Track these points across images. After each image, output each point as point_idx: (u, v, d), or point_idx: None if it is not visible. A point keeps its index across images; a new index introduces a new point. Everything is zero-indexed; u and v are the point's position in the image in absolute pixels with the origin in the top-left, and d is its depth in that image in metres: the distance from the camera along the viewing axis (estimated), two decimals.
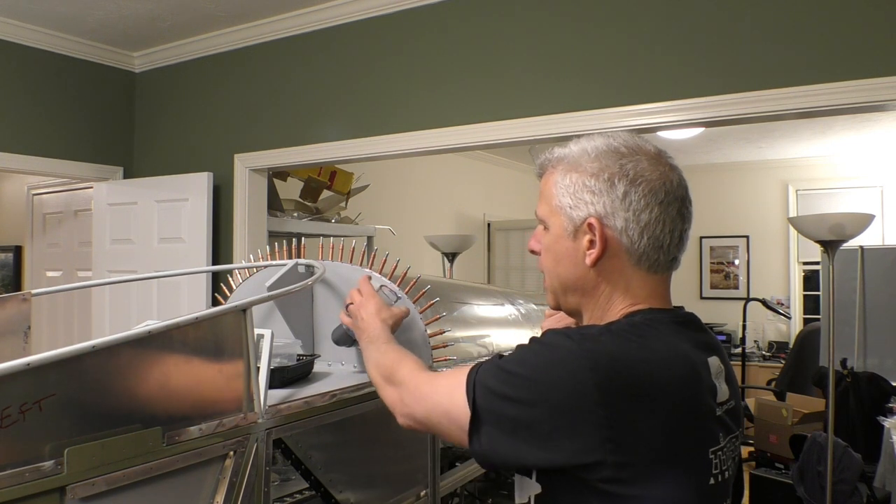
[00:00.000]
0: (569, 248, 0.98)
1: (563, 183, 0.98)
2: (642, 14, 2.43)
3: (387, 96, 2.98)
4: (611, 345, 0.87)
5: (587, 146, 0.98)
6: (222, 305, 1.25)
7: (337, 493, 1.40)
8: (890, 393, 3.79)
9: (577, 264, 0.98)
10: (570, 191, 0.97)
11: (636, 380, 0.85)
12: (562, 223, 0.98)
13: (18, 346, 1.52)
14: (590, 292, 0.99)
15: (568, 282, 1.00)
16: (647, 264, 0.95)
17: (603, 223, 0.94)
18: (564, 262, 0.99)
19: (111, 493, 0.95)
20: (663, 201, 0.94)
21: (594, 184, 0.95)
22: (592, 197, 0.95)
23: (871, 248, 4.19)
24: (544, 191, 1.02)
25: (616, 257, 0.95)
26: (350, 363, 1.73)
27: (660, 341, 0.90)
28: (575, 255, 0.97)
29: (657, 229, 0.94)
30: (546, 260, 1.03)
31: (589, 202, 0.95)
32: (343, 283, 1.73)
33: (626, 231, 0.94)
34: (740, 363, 5.92)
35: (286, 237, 2.81)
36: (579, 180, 0.96)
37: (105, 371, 0.96)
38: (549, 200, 1.01)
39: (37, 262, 4.58)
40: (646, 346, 0.89)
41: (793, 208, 6.58)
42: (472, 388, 0.92)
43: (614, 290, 0.97)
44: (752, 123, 2.50)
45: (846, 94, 2.11)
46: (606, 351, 0.86)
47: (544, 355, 0.88)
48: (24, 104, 3.40)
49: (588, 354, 0.85)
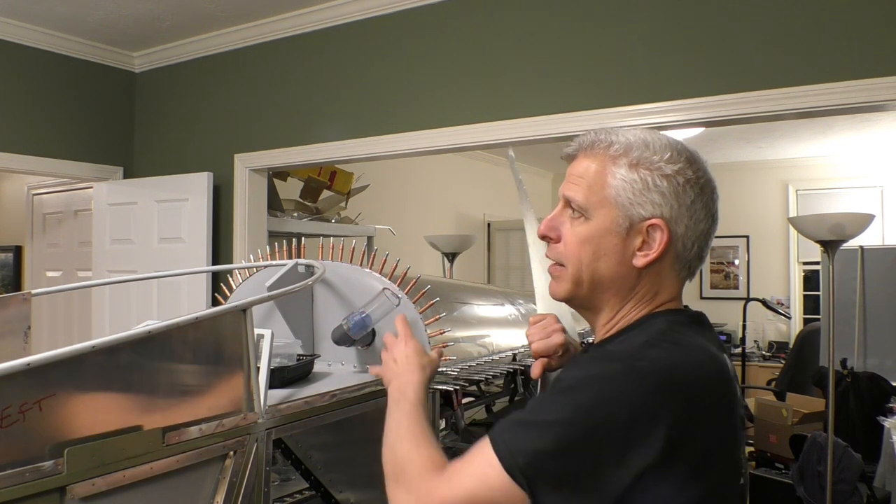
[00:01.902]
0: (616, 244, 0.92)
1: (629, 177, 0.91)
2: (642, 14, 2.43)
3: (387, 96, 2.98)
4: (661, 359, 0.84)
5: (653, 142, 0.93)
6: (222, 305, 1.25)
7: (337, 493, 1.40)
8: (890, 393, 3.79)
9: (622, 262, 0.93)
10: (638, 187, 0.91)
11: (691, 390, 0.83)
12: (615, 218, 0.92)
13: (18, 346, 1.52)
14: (623, 292, 0.95)
15: (605, 278, 0.94)
16: (687, 272, 0.95)
17: (669, 227, 0.91)
18: (608, 259, 0.93)
19: (111, 493, 0.95)
20: (715, 213, 0.94)
21: (666, 185, 0.91)
22: (662, 199, 0.90)
23: (871, 248, 4.18)
24: (590, 177, 0.94)
25: (663, 261, 0.93)
26: (350, 363, 1.73)
27: (694, 345, 0.89)
28: (623, 253, 0.92)
29: (706, 240, 0.93)
30: (579, 251, 0.95)
31: (657, 203, 0.91)
32: (343, 283, 1.73)
33: (684, 238, 0.92)
34: (740, 363, 5.92)
35: (286, 237, 2.81)
36: (650, 178, 0.91)
37: (105, 371, 0.96)
38: (599, 190, 0.93)
39: (37, 262, 4.58)
40: (689, 353, 0.86)
41: (793, 208, 6.58)
42: (511, 462, 0.81)
43: (647, 292, 0.94)
44: (752, 123, 2.50)
45: (846, 94, 2.10)
46: (659, 367, 0.82)
47: (595, 389, 0.82)
48: (24, 104, 3.40)
49: (643, 376, 0.81)
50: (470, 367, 1.71)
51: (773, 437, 3.96)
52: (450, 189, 5.86)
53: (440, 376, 1.62)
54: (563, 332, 1.16)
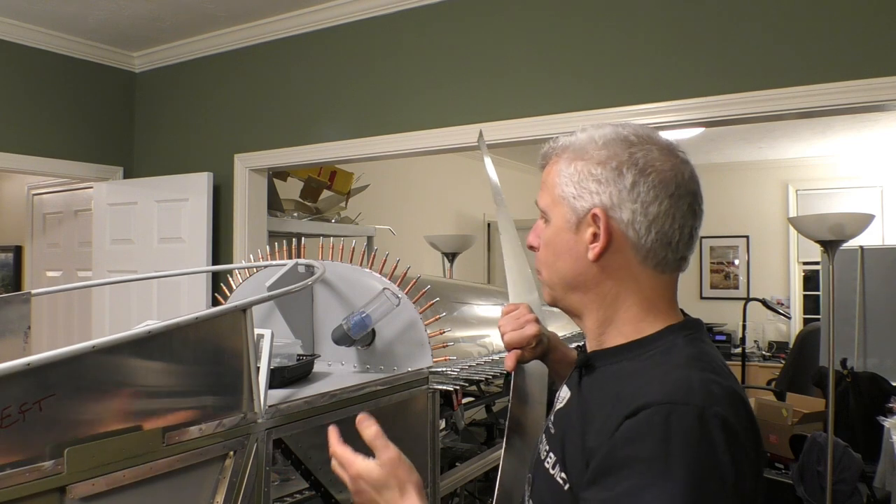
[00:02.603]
0: (570, 241, 0.91)
1: (567, 171, 0.91)
2: (643, 14, 2.43)
3: (387, 96, 2.98)
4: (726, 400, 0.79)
5: (594, 134, 0.91)
6: (222, 305, 1.25)
7: (337, 493, 1.40)
8: (890, 393, 3.79)
9: (578, 259, 0.90)
10: (575, 179, 0.90)
11: (754, 425, 0.81)
12: (564, 214, 0.91)
13: (18, 346, 1.52)
14: (592, 290, 0.91)
15: (568, 278, 0.92)
16: (654, 262, 0.88)
17: (608, 215, 0.87)
18: (565, 257, 0.92)
19: (111, 493, 0.95)
20: (674, 194, 0.87)
21: (601, 172, 0.88)
22: (598, 186, 0.88)
23: (871, 248, 4.18)
24: (546, 180, 0.95)
25: (621, 252, 0.88)
26: (350, 363, 1.73)
27: (728, 370, 0.86)
28: (576, 249, 0.90)
29: (666, 224, 0.87)
30: (545, 254, 0.95)
31: (594, 192, 0.88)
32: (343, 283, 1.73)
33: (633, 224, 0.86)
34: (740, 363, 5.92)
35: (286, 237, 2.81)
36: (585, 168, 0.89)
37: (105, 371, 0.96)
38: (551, 190, 0.93)
39: (37, 262, 4.58)
40: (729, 384, 0.82)
41: (793, 208, 6.58)
42: None
43: (621, 288, 0.90)
44: (752, 123, 2.50)
45: (846, 94, 2.11)
46: (732, 412, 0.78)
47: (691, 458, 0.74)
48: (24, 104, 3.40)
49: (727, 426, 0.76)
50: (470, 367, 1.71)
51: (773, 437, 3.96)
52: (450, 189, 5.86)
53: (440, 376, 1.62)
54: (537, 323, 1.13)
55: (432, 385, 1.62)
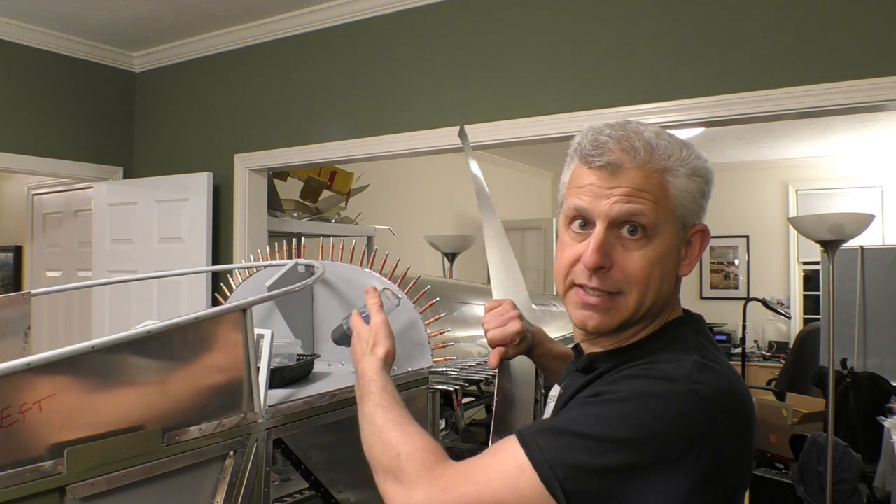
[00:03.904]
0: (675, 257, 0.89)
1: (689, 188, 0.88)
2: (642, 14, 2.43)
3: (387, 96, 2.98)
4: (716, 383, 0.80)
5: (687, 143, 0.90)
6: (222, 305, 1.25)
7: (337, 493, 1.40)
8: (890, 393, 3.79)
9: (674, 274, 0.90)
10: (695, 196, 0.88)
11: (741, 411, 0.81)
12: (676, 232, 0.88)
13: (18, 346, 1.52)
14: (666, 305, 0.91)
15: (663, 297, 0.89)
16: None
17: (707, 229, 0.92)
18: (669, 276, 0.89)
19: (111, 493, 0.95)
20: None
21: (708, 189, 0.90)
22: (704, 202, 0.90)
23: (871, 248, 4.18)
24: (654, 191, 0.85)
25: None
26: (350, 363, 1.73)
27: (726, 362, 0.87)
28: (675, 265, 0.90)
29: None
30: (645, 274, 0.86)
31: (704, 208, 0.90)
32: (343, 283, 1.73)
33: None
34: (740, 363, 5.92)
35: (286, 237, 2.81)
36: (703, 185, 0.89)
37: (105, 371, 0.96)
38: (665, 204, 0.86)
39: (37, 262, 4.58)
40: (732, 373, 0.85)
41: (793, 208, 6.58)
42: (548, 473, 0.75)
43: (676, 295, 0.93)
44: (752, 123, 2.50)
45: (846, 94, 2.11)
46: (716, 391, 0.79)
47: (652, 410, 0.76)
48: (24, 104, 3.40)
49: (704, 400, 0.77)
50: (470, 367, 1.71)
51: (773, 437, 3.96)
52: (450, 189, 5.86)
53: (440, 376, 1.62)
54: (521, 320, 1.12)
55: (432, 385, 1.62)
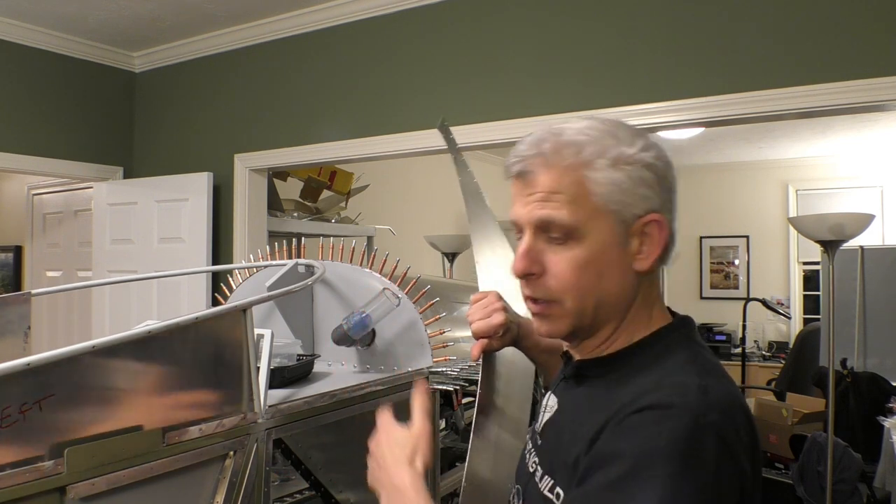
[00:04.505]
0: (618, 255, 0.82)
1: (614, 177, 0.80)
2: (642, 14, 2.43)
3: (387, 96, 2.98)
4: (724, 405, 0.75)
5: (616, 131, 0.83)
6: (222, 305, 1.25)
7: (337, 493, 1.40)
8: (890, 393, 3.79)
9: (624, 273, 0.83)
10: (626, 186, 0.81)
11: (752, 427, 0.77)
12: (612, 227, 0.81)
13: (18, 346, 1.52)
14: (623, 303, 0.84)
15: (611, 297, 0.83)
16: (670, 258, 0.85)
17: (665, 218, 0.83)
18: (612, 275, 0.83)
19: (111, 493, 0.95)
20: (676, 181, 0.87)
21: (650, 175, 0.81)
22: (649, 190, 0.81)
23: (871, 248, 4.18)
24: (569, 191, 0.82)
25: (661, 258, 0.84)
26: (350, 363, 1.73)
27: (719, 369, 0.81)
28: (623, 263, 0.83)
29: (675, 217, 0.86)
30: (580, 279, 0.82)
31: (648, 197, 0.81)
32: (343, 283, 1.73)
33: (673, 223, 0.84)
34: (740, 363, 5.92)
35: (286, 237, 2.81)
36: (635, 172, 0.81)
37: (105, 371, 0.96)
38: (584, 201, 0.81)
39: (37, 262, 4.58)
40: (732, 386, 0.79)
41: (793, 208, 6.58)
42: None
43: (645, 295, 0.86)
44: (752, 123, 2.50)
45: (846, 94, 2.11)
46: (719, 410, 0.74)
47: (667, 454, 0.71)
48: (24, 104, 3.40)
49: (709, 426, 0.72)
50: (470, 367, 1.71)
51: (773, 437, 3.96)
52: (450, 189, 5.83)
53: (440, 376, 1.62)
54: (505, 312, 1.08)
55: (432, 385, 1.62)
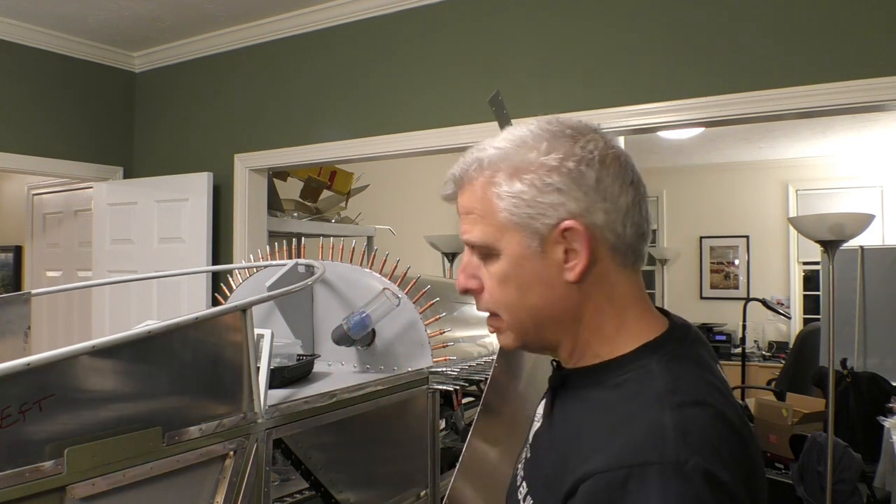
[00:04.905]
0: (538, 267, 0.78)
1: (513, 190, 0.77)
2: (642, 14, 2.43)
3: (387, 96, 2.98)
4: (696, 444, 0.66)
5: (522, 137, 0.80)
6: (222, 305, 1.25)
7: (337, 493, 1.40)
8: (890, 393, 3.79)
9: (553, 285, 0.78)
10: (528, 196, 0.76)
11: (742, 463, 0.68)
12: (522, 240, 0.77)
13: (18, 346, 1.52)
14: (570, 314, 0.79)
15: (543, 311, 0.79)
16: (634, 259, 0.79)
17: (584, 223, 0.76)
18: (536, 288, 0.78)
19: (111, 493, 0.95)
20: (633, 180, 0.78)
21: (558, 179, 0.76)
22: (560, 196, 0.75)
23: (871, 248, 4.18)
24: (475, 208, 0.80)
25: (601, 262, 0.77)
26: (350, 363, 1.73)
27: (708, 389, 0.73)
28: (548, 274, 0.77)
29: (636, 214, 0.78)
30: (502, 294, 0.80)
31: (557, 203, 0.76)
32: (343, 283, 1.73)
33: (609, 225, 0.76)
34: (740, 363, 5.92)
35: (286, 237, 2.81)
36: (537, 180, 0.76)
37: (105, 371, 0.96)
38: (489, 218, 0.79)
39: (37, 262, 4.58)
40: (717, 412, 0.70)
41: (793, 208, 6.58)
42: None
43: (599, 302, 0.79)
44: (752, 123, 2.50)
45: (846, 94, 2.11)
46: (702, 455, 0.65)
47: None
48: (24, 104, 3.40)
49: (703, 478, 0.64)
50: (470, 367, 1.71)
51: (773, 437, 3.96)
52: None
53: (440, 376, 1.62)
54: None
55: (432, 385, 1.62)
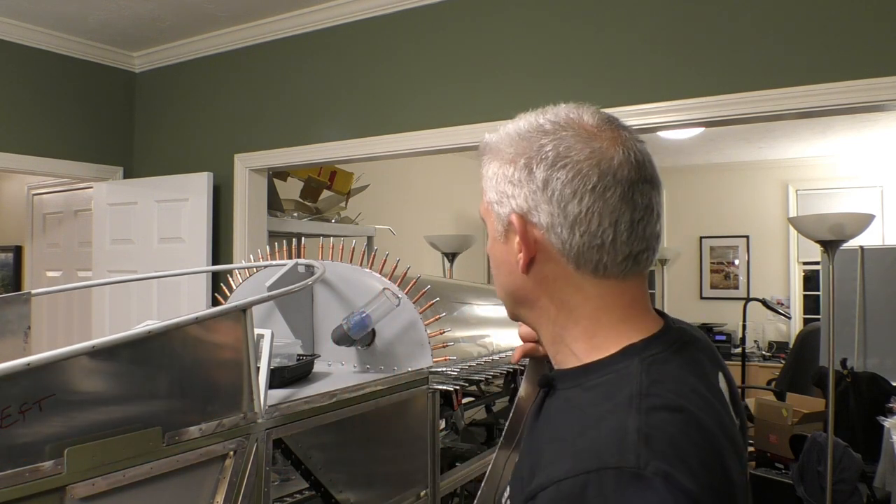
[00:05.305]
0: (503, 252, 0.80)
1: (488, 174, 0.80)
2: (642, 14, 2.43)
3: (387, 96, 2.98)
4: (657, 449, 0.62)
5: (511, 127, 0.81)
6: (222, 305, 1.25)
7: (337, 493, 1.40)
8: (890, 393, 3.79)
9: (512, 272, 0.79)
10: (493, 183, 0.79)
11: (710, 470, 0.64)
12: (493, 223, 0.80)
13: (18, 346, 1.52)
14: (535, 304, 0.80)
15: (509, 291, 0.82)
16: (591, 267, 0.74)
17: (526, 220, 0.75)
18: (502, 269, 0.82)
19: (111, 493, 0.95)
20: (596, 186, 0.72)
21: (512, 172, 0.76)
22: (513, 189, 0.76)
23: (871, 248, 4.18)
24: (482, 185, 0.84)
25: (552, 261, 0.75)
26: (350, 363, 1.73)
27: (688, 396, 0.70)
28: (509, 261, 0.79)
29: (593, 223, 0.73)
30: (492, 265, 0.85)
31: (510, 195, 0.76)
32: (343, 283, 1.73)
33: (554, 228, 0.74)
34: (740, 363, 5.92)
35: (286, 237, 2.81)
36: (500, 170, 0.78)
37: (105, 371, 0.96)
38: (483, 196, 0.82)
39: (37, 262, 4.58)
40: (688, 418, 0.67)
41: (793, 208, 6.58)
42: None
43: (563, 301, 0.77)
44: (752, 123, 2.50)
45: (846, 94, 2.11)
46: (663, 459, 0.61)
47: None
48: (24, 104, 3.40)
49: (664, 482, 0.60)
50: (470, 367, 1.71)
51: (773, 437, 3.96)
52: (450, 189, 5.86)
53: (440, 376, 1.62)
54: None
55: (432, 385, 1.62)
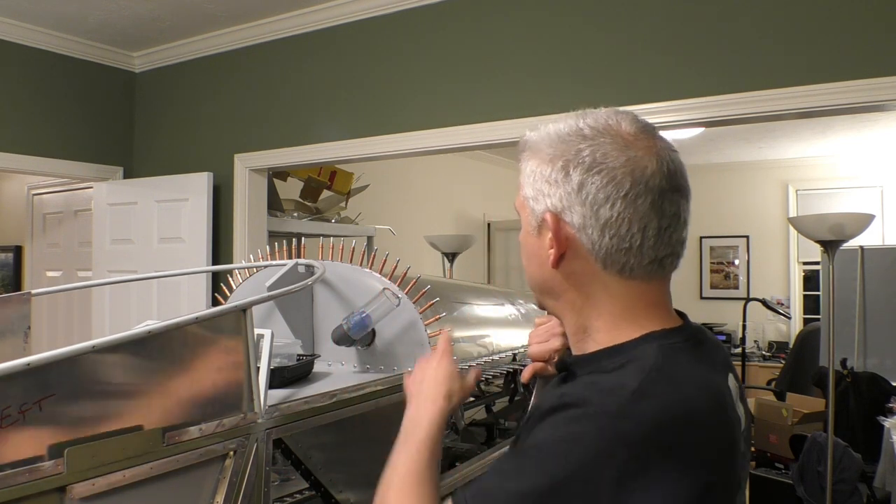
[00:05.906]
0: (535, 245, 0.85)
1: (526, 171, 0.85)
2: (642, 14, 2.43)
3: (387, 96, 2.98)
4: (649, 414, 0.71)
5: (552, 128, 0.86)
6: (222, 305, 1.25)
7: (337, 493, 1.40)
8: (890, 393, 3.79)
9: (542, 265, 0.84)
10: (531, 180, 0.84)
11: (680, 442, 0.71)
12: (527, 217, 0.86)
13: (18, 346, 1.52)
14: (562, 296, 0.86)
15: (538, 282, 0.88)
16: (617, 268, 0.80)
17: (560, 218, 0.81)
18: (532, 261, 0.87)
19: (111, 493, 0.95)
20: (628, 194, 0.78)
21: (550, 172, 0.82)
22: (549, 188, 0.82)
23: (871, 248, 4.18)
24: (518, 180, 0.89)
25: (581, 259, 0.81)
26: (350, 363, 1.73)
27: (692, 383, 0.76)
28: (541, 255, 0.84)
29: (622, 228, 0.78)
30: (522, 256, 0.90)
31: (546, 194, 0.82)
32: (343, 283, 1.73)
33: (585, 229, 0.79)
34: (740, 363, 5.92)
35: (286, 237, 2.81)
36: (538, 168, 0.83)
37: (105, 371, 0.96)
38: (519, 191, 0.88)
39: (37, 262, 4.58)
40: (685, 398, 0.74)
41: (793, 208, 6.58)
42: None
43: (589, 295, 0.83)
44: (752, 123, 2.50)
45: (846, 94, 2.11)
46: (646, 426, 0.70)
47: (565, 456, 0.71)
48: (24, 104, 3.40)
49: (618, 436, 0.70)
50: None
51: (773, 437, 3.96)
52: (450, 189, 5.86)
53: None
54: (564, 338, 1.05)
55: None
